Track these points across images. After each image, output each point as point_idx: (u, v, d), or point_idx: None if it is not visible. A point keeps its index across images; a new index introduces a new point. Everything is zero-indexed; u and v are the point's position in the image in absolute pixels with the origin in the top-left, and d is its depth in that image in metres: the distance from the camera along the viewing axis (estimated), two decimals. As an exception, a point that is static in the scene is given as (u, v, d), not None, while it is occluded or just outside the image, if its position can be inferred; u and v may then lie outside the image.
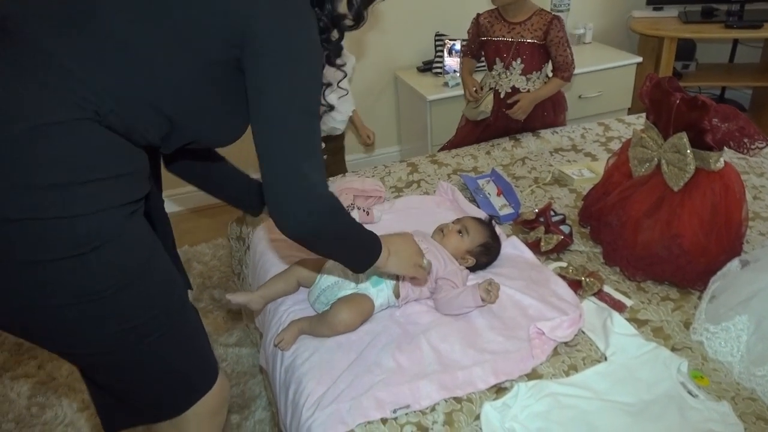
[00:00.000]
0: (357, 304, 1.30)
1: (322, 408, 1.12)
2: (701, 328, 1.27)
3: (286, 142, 0.93)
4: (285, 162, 0.93)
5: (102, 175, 0.88)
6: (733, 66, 3.60)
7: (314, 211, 0.95)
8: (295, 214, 0.94)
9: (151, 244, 1.00)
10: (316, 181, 0.94)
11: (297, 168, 0.93)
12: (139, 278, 0.95)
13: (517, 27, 2.23)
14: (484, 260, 1.50)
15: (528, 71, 2.25)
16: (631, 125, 2.32)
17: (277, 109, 0.92)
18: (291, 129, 0.93)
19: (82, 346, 0.96)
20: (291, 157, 0.93)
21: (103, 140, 0.88)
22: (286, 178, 0.93)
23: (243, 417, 1.79)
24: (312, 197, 0.94)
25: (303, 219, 0.95)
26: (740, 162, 1.97)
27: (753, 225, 1.63)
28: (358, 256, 1.12)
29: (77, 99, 0.84)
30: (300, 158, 0.93)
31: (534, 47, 2.22)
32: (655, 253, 1.41)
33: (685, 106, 1.35)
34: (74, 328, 0.93)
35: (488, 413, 1.10)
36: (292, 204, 0.94)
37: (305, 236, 1.00)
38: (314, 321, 1.32)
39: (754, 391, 1.15)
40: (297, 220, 0.95)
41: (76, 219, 0.85)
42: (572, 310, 1.32)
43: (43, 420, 1.81)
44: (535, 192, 1.90)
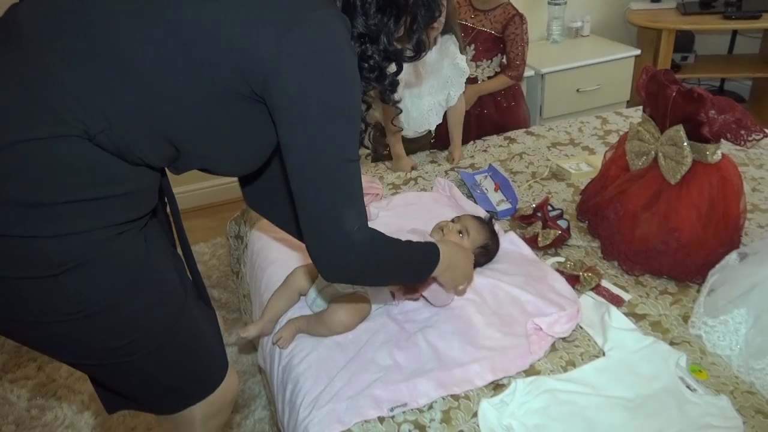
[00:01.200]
0: (354, 305, 1.30)
1: (319, 407, 1.12)
2: (700, 322, 1.26)
3: (320, 193, 0.89)
4: (318, 213, 0.91)
5: (80, 196, 0.83)
6: (732, 57, 3.59)
7: (352, 261, 0.94)
8: (334, 265, 0.94)
9: (142, 265, 0.95)
10: (353, 229, 0.92)
11: (331, 219, 0.90)
12: (118, 302, 0.91)
13: (481, 15, 2.28)
14: (482, 260, 1.49)
15: (478, 58, 2.29)
16: (629, 118, 2.31)
17: (309, 159, 0.88)
18: (325, 179, 0.89)
19: (69, 358, 0.97)
20: (324, 208, 0.90)
21: (89, 159, 0.83)
22: (321, 229, 0.92)
23: (243, 416, 1.79)
24: (350, 247, 0.92)
25: (342, 268, 0.95)
26: (739, 154, 1.96)
27: (752, 217, 1.62)
28: (412, 276, 1.15)
29: (65, 114, 0.79)
30: (334, 208, 0.90)
31: (491, 38, 2.27)
32: (653, 246, 1.40)
33: (682, 99, 1.34)
34: (57, 343, 0.93)
35: (486, 410, 1.09)
36: (331, 256, 0.93)
37: (349, 281, 1.03)
38: (312, 320, 1.31)
39: (753, 384, 1.14)
40: (337, 270, 0.96)
41: (38, 240, 0.82)
42: (570, 305, 1.31)
43: (43, 422, 1.82)
44: (533, 187, 1.89)
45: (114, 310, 0.92)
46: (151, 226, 1.03)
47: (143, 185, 0.92)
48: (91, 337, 0.93)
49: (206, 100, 0.86)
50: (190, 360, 1.07)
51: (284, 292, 1.39)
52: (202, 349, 1.09)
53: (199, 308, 1.12)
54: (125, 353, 0.96)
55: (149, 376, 1.03)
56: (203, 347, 1.10)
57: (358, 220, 0.93)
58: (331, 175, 0.89)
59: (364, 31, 0.92)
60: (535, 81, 3.01)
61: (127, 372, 1.00)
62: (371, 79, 0.97)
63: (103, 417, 1.82)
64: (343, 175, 0.91)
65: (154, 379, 1.04)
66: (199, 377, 1.10)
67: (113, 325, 0.93)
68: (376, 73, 0.97)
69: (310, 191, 0.90)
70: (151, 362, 1.00)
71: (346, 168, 0.90)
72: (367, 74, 0.96)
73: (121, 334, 0.94)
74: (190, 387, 1.10)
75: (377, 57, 0.95)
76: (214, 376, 1.12)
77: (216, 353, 1.13)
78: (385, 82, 1.00)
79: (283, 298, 1.38)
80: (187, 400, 1.10)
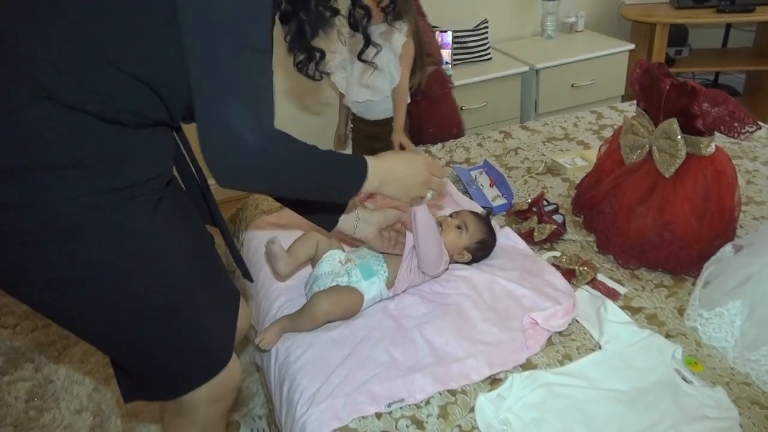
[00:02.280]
0: (339, 295, 1.31)
1: (317, 404, 1.12)
2: (695, 314, 1.27)
3: (207, 78, 0.80)
4: (204, 102, 0.81)
5: (49, 162, 0.83)
6: (727, 50, 3.59)
7: (242, 164, 0.85)
8: (222, 166, 0.85)
9: (134, 240, 0.93)
10: (242, 128, 0.82)
11: (217, 112, 0.81)
12: (98, 275, 0.91)
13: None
14: (480, 255, 1.49)
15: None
16: (624, 113, 2.31)
17: (202, 37, 0.79)
18: (215, 62, 0.80)
19: (66, 325, 1.00)
20: (210, 96, 0.81)
21: (55, 122, 0.82)
22: (208, 123, 0.82)
23: (241, 414, 1.79)
24: (237, 147, 0.83)
25: (231, 170, 0.85)
26: (733, 147, 1.97)
27: (746, 210, 1.63)
28: (332, 190, 1.04)
29: (20, 74, 0.79)
30: (221, 99, 0.81)
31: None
32: (648, 240, 1.41)
33: (675, 92, 1.35)
34: (52, 312, 0.97)
35: (483, 405, 1.09)
36: (218, 155, 0.84)
37: (244, 186, 0.91)
38: (295, 316, 1.31)
39: (749, 375, 1.15)
40: (225, 173, 0.86)
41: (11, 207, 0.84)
42: (566, 299, 1.31)
43: (40, 423, 1.81)
44: (528, 182, 1.89)
45: (95, 282, 0.92)
46: (168, 199, 1.01)
47: (124, 150, 0.90)
48: (79, 309, 0.94)
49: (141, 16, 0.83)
50: (188, 344, 1.06)
51: (304, 239, 1.41)
52: (205, 334, 1.08)
53: (217, 290, 1.12)
54: (114, 328, 0.98)
55: (147, 355, 1.04)
56: (206, 332, 1.08)
57: (252, 118, 0.83)
58: (223, 59, 0.80)
59: None
60: (530, 76, 3.01)
61: (125, 349, 1.03)
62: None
63: (102, 418, 1.81)
64: (238, 63, 0.81)
65: (152, 358, 1.05)
66: (199, 362, 1.10)
67: (97, 298, 0.94)
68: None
69: (196, 73, 0.81)
70: (146, 341, 1.01)
71: (242, 54, 0.81)
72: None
73: (107, 308, 0.95)
74: (190, 371, 1.09)
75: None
76: (215, 363, 1.11)
77: (219, 340, 1.12)
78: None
79: (304, 245, 1.40)
80: (186, 384, 1.10)
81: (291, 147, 0.92)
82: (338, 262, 1.39)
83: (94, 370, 2.00)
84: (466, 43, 3.00)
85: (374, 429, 1.08)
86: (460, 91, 2.86)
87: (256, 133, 0.84)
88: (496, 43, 3.24)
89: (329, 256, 1.39)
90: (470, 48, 3.01)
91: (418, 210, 1.26)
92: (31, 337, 2.17)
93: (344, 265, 1.37)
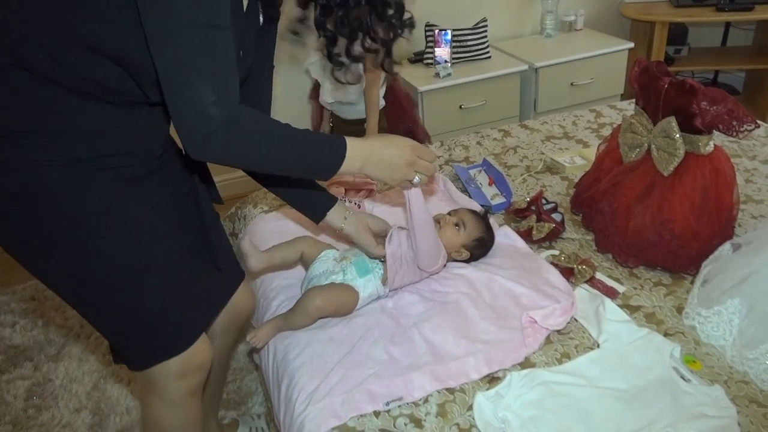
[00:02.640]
0: (332, 290, 1.31)
1: (315, 402, 1.12)
2: (693, 313, 1.27)
3: (170, 55, 0.83)
4: (168, 80, 0.84)
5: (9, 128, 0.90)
6: (726, 49, 3.60)
7: (209, 138, 0.88)
8: (191, 141, 0.88)
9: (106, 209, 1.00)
10: (206, 102, 0.85)
11: (181, 88, 0.84)
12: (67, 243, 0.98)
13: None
14: (478, 253, 1.49)
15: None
16: (623, 111, 2.31)
17: (161, 17, 0.82)
18: (176, 40, 0.83)
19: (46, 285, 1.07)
20: (173, 74, 0.84)
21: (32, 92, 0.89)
22: (174, 100, 0.86)
23: (240, 413, 1.79)
24: (204, 122, 0.86)
25: (200, 144, 0.89)
26: (731, 145, 1.97)
27: (745, 208, 1.63)
28: (308, 166, 1.05)
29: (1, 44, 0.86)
30: (183, 76, 0.84)
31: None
32: (647, 238, 1.40)
33: (674, 91, 1.35)
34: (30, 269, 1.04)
35: (481, 404, 1.09)
36: (187, 131, 0.88)
37: (215, 160, 0.93)
38: (288, 314, 1.31)
39: (747, 374, 1.15)
40: (195, 147, 0.89)
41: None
42: (565, 297, 1.31)
43: (39, 422, 1.81)
44: (527, 180, 1.89)
45: (56, 245, 0.99)
46: (152, 178, 1.08)
47: (94, 123, 0.96)
48: (47, 269, 1.03)
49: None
50: (146, 319, 1.09)
51: (290, 244, 1.41)
52: (166, 312, 1.11)
53: (192, 272, 1.15)
54: (79, 293, 1.05)
55: (109, 324, 1.10)
56: (167, 311, 1.11)
57: (216, 93, 0.86)
58: (183, 38, 0.83)
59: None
60: (529, 75, 3.01)
61: (91, 315, 1.09)
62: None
63: (101, 417, 1.81)
64: (198, 42, 0.84)
65: (113, 328, 1.11)
66: (158, 339, 1.12)
67: (60, 261, 1.01)
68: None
69: (158, 54, 0.84)
70: (107, 310, 1.07)
71: (201, 33, 0.84)
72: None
73: (71, 273, 1.02)
74: (149, 346, 1.12)
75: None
76: (176, 342, 1.13)
77: (182, 320, 1.14)
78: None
79: (286, 248, 1.40)
80: (147, 359, 1.13)
81: (259, 121, 0.95)
82: (332, 260, 1.39)
83: (93, 368, 2.00)
84: (466, 42, 3.00)
85: (372, 427, 1.08)
86: (459, 90, 2.86)
87: (221, 107, 0.87)
88: (496, 41, 3.24)
89: (323, 256, 1.39)
90: (469, 46, 3.01)
91: (411, 193, 1.24)
92: (30, 336, 2.17)
93: (339, 262, 1.37)
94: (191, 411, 1.23)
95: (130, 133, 1.03)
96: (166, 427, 1.22)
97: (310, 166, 1.06)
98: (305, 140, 1.03)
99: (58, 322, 2.23)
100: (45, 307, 2.32)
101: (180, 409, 1.21)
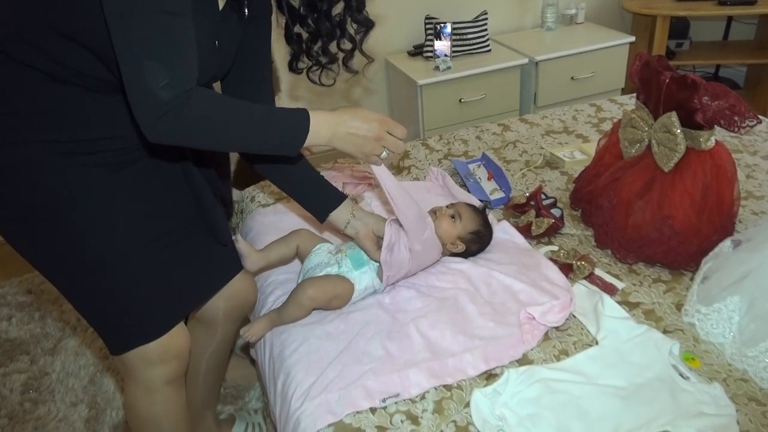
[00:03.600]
0: (326, 281, 1.30)
1: (311, 398, 1.11)
2: (693, 310, 1.26)
3: (123, 41, 0.86)
4: (122, 64, 0.88)
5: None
6: (727, 43, 3.57)
7: (163, 119, 0.90)
8: (147, 123, 0.91)
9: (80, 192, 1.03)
10: (157, 86, 0.88)
11: (133, 73, 0.87)
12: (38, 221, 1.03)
13: None
14: (474, 248, 1.48)
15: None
16: (624, 106, 2.29)
17: (118, 5, 0.85)
18: (128, 26, 0.86)
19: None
20: (127, 60, 0.87)
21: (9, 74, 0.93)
22: (128, 83, 0.89)
23: (237, 408, 1.78)
24: (156, 104, 0.89)
25: (155, 127, 0.91)
26: (733, 141, 1.95)
27: (746, 204, 1.61)
28: (272, 143, 1.06)
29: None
30: (135, 61, 0.87)
31: None
32: (647, 234, 1.39)
33: (675, 85, 1.33)
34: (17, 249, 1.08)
35: (478, 401, 1.09)
36: (141, 113, 0.90)
37: (171, 140, 0.96)
38: (281, 307, 1.30)
39: (746, 372, 1.14)
40: (151, 129, 0.92)
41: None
42: (563, 294, 1.30)
43: (36, 415, 1.81)
44: (526, 175, 1.88)
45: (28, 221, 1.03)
46: (144, 167, 1.12)
47: (69, 107, 0.98)
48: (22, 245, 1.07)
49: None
50: (115, 305, 1.11)
51: (285, 239, 1.41)
52: (137, 300, 1.12)
53: (170, 260, 1.16)
54: (52, 272, 1.09)
55: (82, 306, 1.13)
56: (137, 299, 1.12)
57: (167, 75, 0.88)
58: (138, 23, 0.86)
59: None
60: (530, 69, 2.99)
61: (68, 295, 1.12)
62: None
63: (97, 411, 1.81)
64: (153, 27, 0.86)
65: (87, 311, 1.13)
66: (128, 326, 1.14)
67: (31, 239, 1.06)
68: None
69: (116, 38, 0.87)
70: (78, 292, 1.11)
71: (156, 18, 0.86)
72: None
73: (46, 255, 1.07)
74: (119, 332, 1.14)
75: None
76: (146, 331, 1.15)
77: (154, 309, 1.15)
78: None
79: (283, 245, 1.40)
80: (117, 345, 1.15)
81: (214, 101, 0.97)
82: (327, 252, 1.38)
83: (90, 362, 1.99)
84: (466, 35, 2.98)
85: (369, 424, 1.08)
86: (459, 83, 2.85)
87: (172, 91, 0.89)
88: (496, 34, 3.22)
89: (317, 249, 1.39)
90: (469, 40, 2.99)
91: (380, 169, 1.23)
92: (26, 330, 2.17)
93: (334, 255, 1.36)
94: (170, 401, 1.24)
95: (110, 120, 1.04)
96: (142, 414, 1.24)
97: (273, 139, 1.05)
98: (265, 114, 1.03)
99: (55, 316, 2.22)
100: (42, 301, 2.31)
101: (157, 398, 1.22)
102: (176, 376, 1.23)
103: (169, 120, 0.91)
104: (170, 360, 1.19)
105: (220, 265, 1.29)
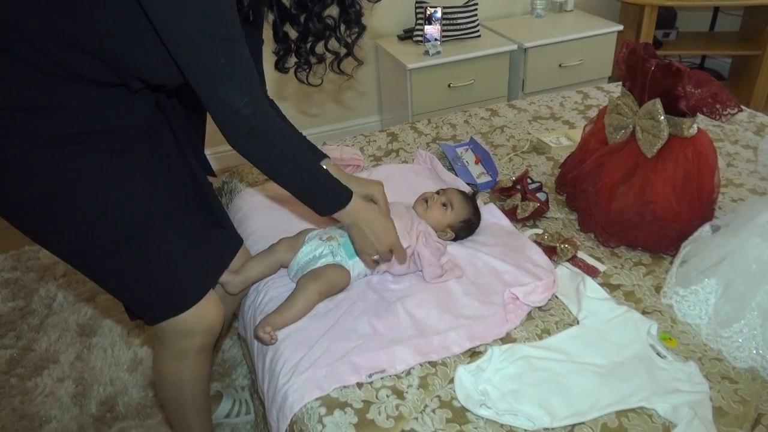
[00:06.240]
0: (327, 273, 1.31)
1: (299, 374, 1.13)
2: (671, 292, 1.29)
3: (201, 75, 0.94)
4: (206, 92, 0.96)
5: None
6: (713, 34, 3.61)
7: (240, 134, 1.01)
8: (229, 136, 1.01)
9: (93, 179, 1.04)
10: (239, 103, 0.96)
11: (216, 95, 0.95)
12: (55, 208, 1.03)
13: None
14: (464, 234, 1.50)
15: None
16: (610, 93, 2.32)
17: (181, 42, 0.90)
18: (196, 61, 0.92)
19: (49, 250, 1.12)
20: (208, 88, 0.95)
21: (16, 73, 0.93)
22: (211, 105, 0.97)
23: (224, 385, 1.80)
24: (237, 118, 0.98)
25: (234, 139, 1.02)
26: (715, 130, 1.99)
27: (726, 191, 1.65)
28: (305, 191, 1.15)
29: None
30: (214, 91, 0.95)
31: None
32: (629, 219, 1.43)
33: (660, 73, 1.36)
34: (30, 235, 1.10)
35: (462, 377, 1.11)
36: (224, 127, 1.00)
37: (252, 152, 1.05)
38: (287, 305, 1.27)
39: (720, 351, 1.18)
40: (233, 141, 1.02)
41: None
42: (546, 275, 1.33)
43: (22, 390, 1.81)
44: (513, 160, 1.91)
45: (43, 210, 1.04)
46: (145, 149, 1.13)
47: (74, 102, 0.99)
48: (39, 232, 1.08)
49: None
50: (143, 279, 1.13)
51: (265, 257, 1.38)
52: (162, 273, 1.14)
53: (190, 234, 1.18)
54: (77, 256, 1.10)
55: (109, 284, 1.15)
56: (163, 271, 1.14)
57: (243, 94, 0.96)
58: (206, 57, 0.92)
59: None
60: (518, 55, 3.01)
61: (93, 275, 1.13)
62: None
63: (84, 386, 1.82)
64: (219, 56, 0.92)
65: (114, 288, 1.16)
66: (158, 298, 1.16)
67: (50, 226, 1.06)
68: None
69: (188, 72, 0.93)
70: (104, 270, 1.12)
71: (221, 47, 0.92)
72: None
73: (64, 237, 1.07)
74: (150, 304, 1.17)
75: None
76: (176, 302, 1.17)
77: (182, 280, 1.17)
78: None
79: (263, 263, 1.38)
80: (150, 316, 1.18)
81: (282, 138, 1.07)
82: (318, 239, 1.36)
83: (76, 339, 2.00)
84: (456, 20, 2.98)
85: (355, 398, 1.10)
86: (448, 68, 2.85)
87: (253, 105, 0.98)
88: (486, 20, 3.23)
89: (309, 240, 1.37)
90: (459, 25, 3.00)
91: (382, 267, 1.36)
92: (11, 306, 2.17)
93: (327, 242, 1.35)
94: (196, 368, 1.28)
95: (113, 114, 1.05)
96: (168, 377, 1.28)
97: (311, 196, 1.16)
98: (316, 170, 1.14)
99: (41, 293, 2.22)
100: (27, 278, 2.30)
101: (185, 364, 1.25)
102: (207, 345, 1.26)
103: (258, 132, 1.02)
104: (203, 332, 1.21)
105: (225, 243, 1.32)
